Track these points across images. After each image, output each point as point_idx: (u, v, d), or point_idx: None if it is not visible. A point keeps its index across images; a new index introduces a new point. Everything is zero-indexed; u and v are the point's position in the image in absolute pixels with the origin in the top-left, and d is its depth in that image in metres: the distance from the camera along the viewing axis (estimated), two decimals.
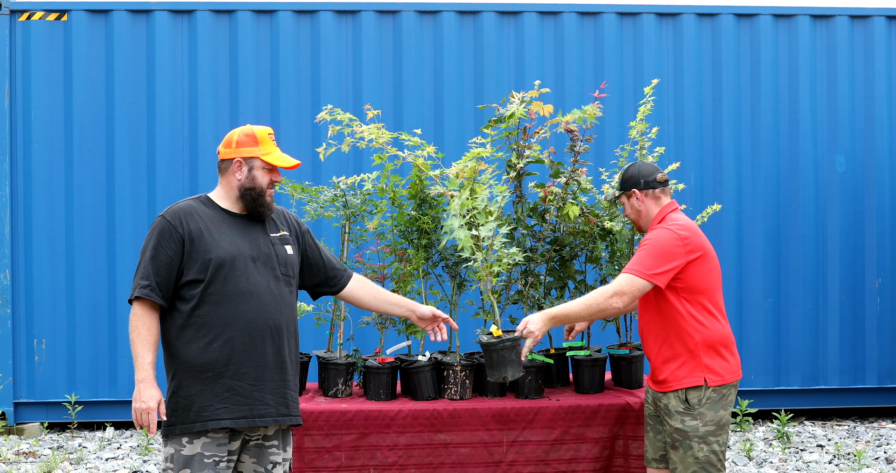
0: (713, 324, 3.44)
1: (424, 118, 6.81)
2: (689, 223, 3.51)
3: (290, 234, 3.28)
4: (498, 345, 3.43)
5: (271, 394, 3.09)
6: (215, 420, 3.01)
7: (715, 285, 3.48)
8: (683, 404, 3.42)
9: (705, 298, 3.43)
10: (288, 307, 3.17)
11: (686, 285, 3.40)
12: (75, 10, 6.77)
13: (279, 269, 3.16)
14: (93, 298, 6.74)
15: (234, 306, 3.04)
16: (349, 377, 4.10)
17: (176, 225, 3.06)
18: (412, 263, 4.07)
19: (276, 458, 3.16)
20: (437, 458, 3.81)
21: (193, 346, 3.04)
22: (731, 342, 3.50)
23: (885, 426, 6.94)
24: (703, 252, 3.44)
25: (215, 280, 3.04)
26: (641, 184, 3.57)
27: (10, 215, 6.74)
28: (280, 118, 6.83)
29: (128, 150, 6.81)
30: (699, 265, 3.42)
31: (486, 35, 6.93)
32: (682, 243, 3.38)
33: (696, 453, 3.40)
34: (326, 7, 6.87)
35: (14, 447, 6.26)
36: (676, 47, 7.02)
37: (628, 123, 6.79)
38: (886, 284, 7.07)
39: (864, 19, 7.11)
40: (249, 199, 3.16)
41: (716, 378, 3.41)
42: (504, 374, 3.46)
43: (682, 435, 3.42)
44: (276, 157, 3.19)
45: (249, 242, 3.13)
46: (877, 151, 7.09)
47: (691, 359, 3.41)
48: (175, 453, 3.03)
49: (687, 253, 3.38)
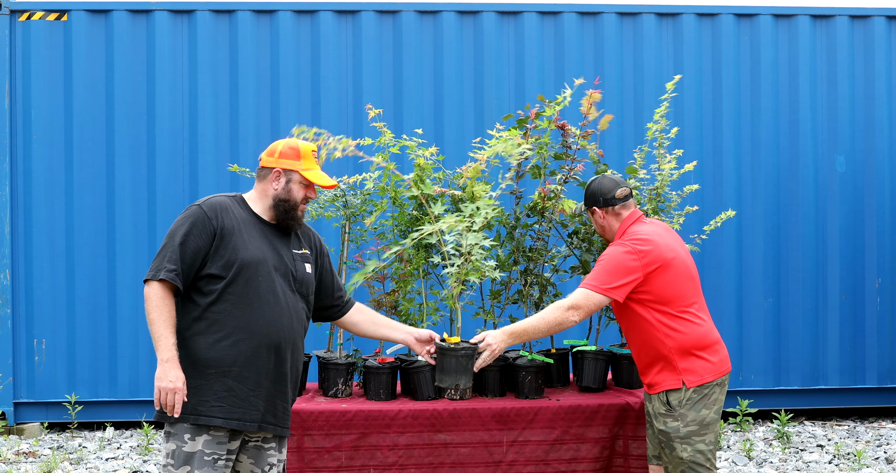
0: (688, 328, 3.45)
1: (424, 118, 6.81)
2: (649, 235, 3.50)
3: (311, 253, 3.32)
4: (460, 351, 3.46)
5: (263, 401, 3.10)
6: (207, 417, 3.02)
7: (684, 290, 3.48)
8: (665, 406, 3.47)
9: (675, 305, 3.45)
10: (300, 322, 3.20)
11: (653, 297, 3.44)
12: (75, 10, 6.77)
13: (295, 284, 3.19)
14: (93, 298, 6.74)
15: (250, 310, 3.06)
16: (349, 377, 4.10)
17: (211, 217, 3.07)
18: (412, 263, 4.07)
19: (272, 460, 3.20)
20: (437, 458, 3.81)
21: (203, 340, 3.05)
22: (710, 343, 3.50)
23: (885, 426, 6.94)
24: (663, 263, 3.44)
25: (237, 281, 3.05)
26: (600, 202, 3.62)
27: (10, 215, 6.73)
28: (280, 118, 6.83)
29: (128, 150, 6.81)
30: (661, 276, 3.44)
31: (486, 35, 6.93)
32: (637, 258, 3.42)
33: (679, 453, 3.44)
34: (326, 7, 6.87)
35: (14, 447, 6.26)
36: (676, 47, 7.02)
37: (625, 123, 6.89)
38: (886, 284, 7.07)
39: (864, 19, 7.11)
40: (282, 210, 3.18)
41: (694, 379, 3.44)
42: (457, 381, 3.49)
43: (665, 437, 3.48)
44: (315, 174, 3.22)
45: (274, 251, 3.16)
46: (877, 151, 7.09)
47: (667, 365, 3.46)
48: (177, 449, 3.04)
49: (644, 267, 3.42)
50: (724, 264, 6.95)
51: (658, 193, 4.25)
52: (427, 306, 4.12)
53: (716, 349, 3.51)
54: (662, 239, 3.51)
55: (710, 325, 3.55)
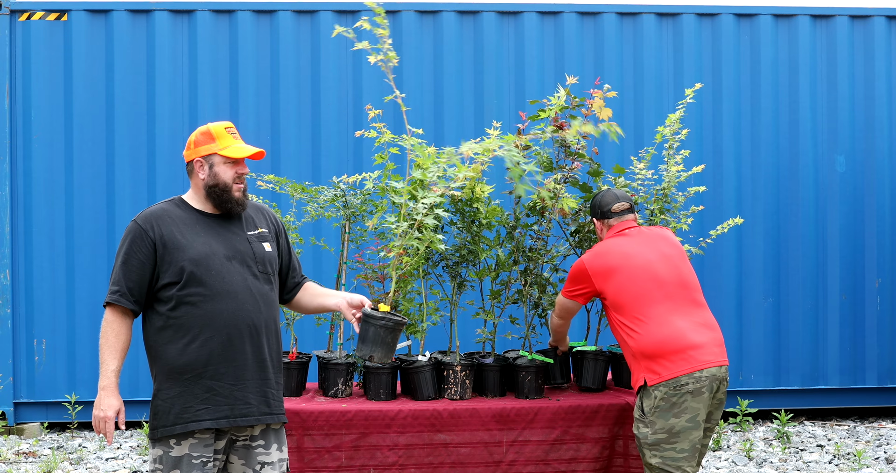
0: (645, 331, 3.57)
1: (424, 118, 6.81)
2: (605, 245, 3.79)
3: (269, 231, 3.25)
4: (380, 321, 3.28)
5: (253, 393, 3.06)
6: (196, 422, 3.00)
7: (640, 295, 3.62)
8: (639, 410, 3.59)
9: (632, 309, 3.63)
10: (268, 305, 3.13)
11: (611, 302, 3.69)
12: (75, 10, 6.76)
13: (257, 267, 3.13)
14: (93, 298, 6.73)
15: (210, 306, 3.02)
16: (349, 377, 4.09)
17: (147, 229, 3.05)
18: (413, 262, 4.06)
19: (264, 458, 3.12)
20: (437, 458, 3.81)
21: (172, 347, 3.03)
22: (668, 351, 3.52)
23: (885, 426, 6.94)
24: (607, 269, 3.69)
25: (191, 282, 3.02)
26: (598, 213, 3.91)
27: (10, 215, 6.73)
28: (280, 118, 6.83)
29: (128, 150, 6.81)
30: (610, 282, 3.67)
31: (486, 35, 6.93)
32: (586, 268, 3.74)
33: (648, 459, 3.55)
34: (326, 7, 6.87)
35: (14, 447, 6.26)
36: (676, 47, 7.02)
37: (625, 123, 6.89)
38: (886, 284, 7.07)
39: (864, 19, 7.11)
40: (216, 196, 3.12)
41: (653, 377, 3.53)
42: (373, 352, 3.31)
43: (637, 442, 3.60)
44: (234, 149, 3.12)
45: (224, 241, 3.10)
46: (877, 151, 7.09)
47: (635, 363, 3.63)
48: (164, 454, 3.04)
49: (593, 275, 3.72)
50: (724, 264, 6.95)
51: (665, 193, 4.31)
52: (427, 306, 4.13)
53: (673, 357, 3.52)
54: (619, 248, 3.74)
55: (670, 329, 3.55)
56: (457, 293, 4.26)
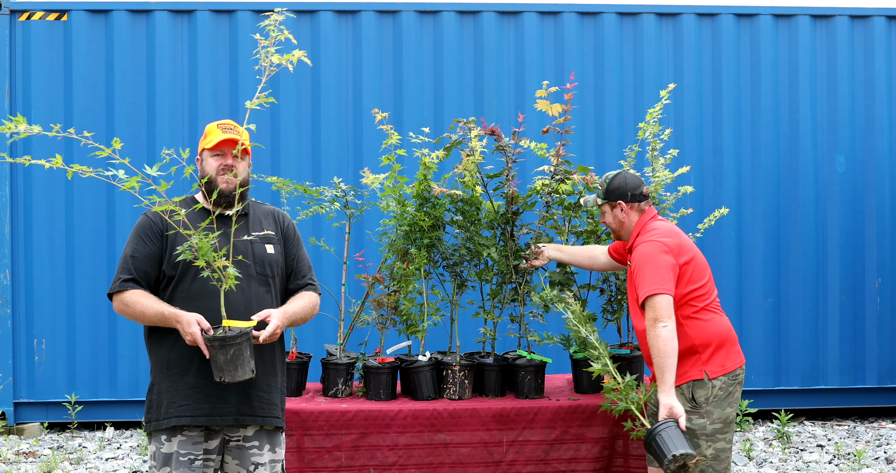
0: (715, 321, 3.51)
1: (424, 118, 6.81)
2: (667, 229, 3.58)
3: (276, 234, 3.26)
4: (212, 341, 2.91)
5: (235, 394, 3.05)
6: (177, 417, 3.02)
7: (709, 284, 3.55)
8: (690, 402, 3.46)
9: (702, 299, 3.50)
10: (261, 306, 3.11)
11: (681, 289, 3.46)
12: (75, 10, 6.76)
13: (255, 268, 3.14)
14: (93, 298, 6.73)
15: (200, 304, 3.03)
16: (349, 377, 4.10)
17: (156, 221, 3.13)
18: (414, 262, 4.07)
19: (257, 459, 3.11)
20: (437, 458, 3.81)
21: (163, 343, 3.07)
22: (732, 342, 3.54)
23: (885, 426, 6.94)
24: (687, 253, 3.51)
25: (184, 278, 3.06)
26: (628, 197, 3.64)
27: (10, 215, 6.73)
28: (280, 118, 6.83)
29: (128, 150, 6.80)
30: (689, 267, 3.48)
31: (486, 35, 6.93)
32: (669, 249, 3.46)
33: (704, 451, 3.43)
34: (326, 7, 6.87)
35: (14, 447, 6.25)
36: (676, 47, 7.02)
37: (625, 122, 6.89)
38: (886, 284, 7.07)
39: (864, 19, 7.11)
40: (208, 190, 3.17)
41: (716, 370, 3.46)
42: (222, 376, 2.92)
43: (691, 434, 3.44)
44: (212, 139, 3.16)
45: (225, 240, 3.11)
46: (877, 151, 7.08)
47: (689, 356, 3.46)
48: (156, 450, 3.07)
49: (677, 257, 3.46)
50: (724, 264, 6.95)
51: (653, 195, 4.27)
52: (428, 306, 4.13)
53: (738, 349, 3.56)
54: (679, 231, 3.61)
55: (728, 321, 3.60)
56: (457, 293, 4.26)
